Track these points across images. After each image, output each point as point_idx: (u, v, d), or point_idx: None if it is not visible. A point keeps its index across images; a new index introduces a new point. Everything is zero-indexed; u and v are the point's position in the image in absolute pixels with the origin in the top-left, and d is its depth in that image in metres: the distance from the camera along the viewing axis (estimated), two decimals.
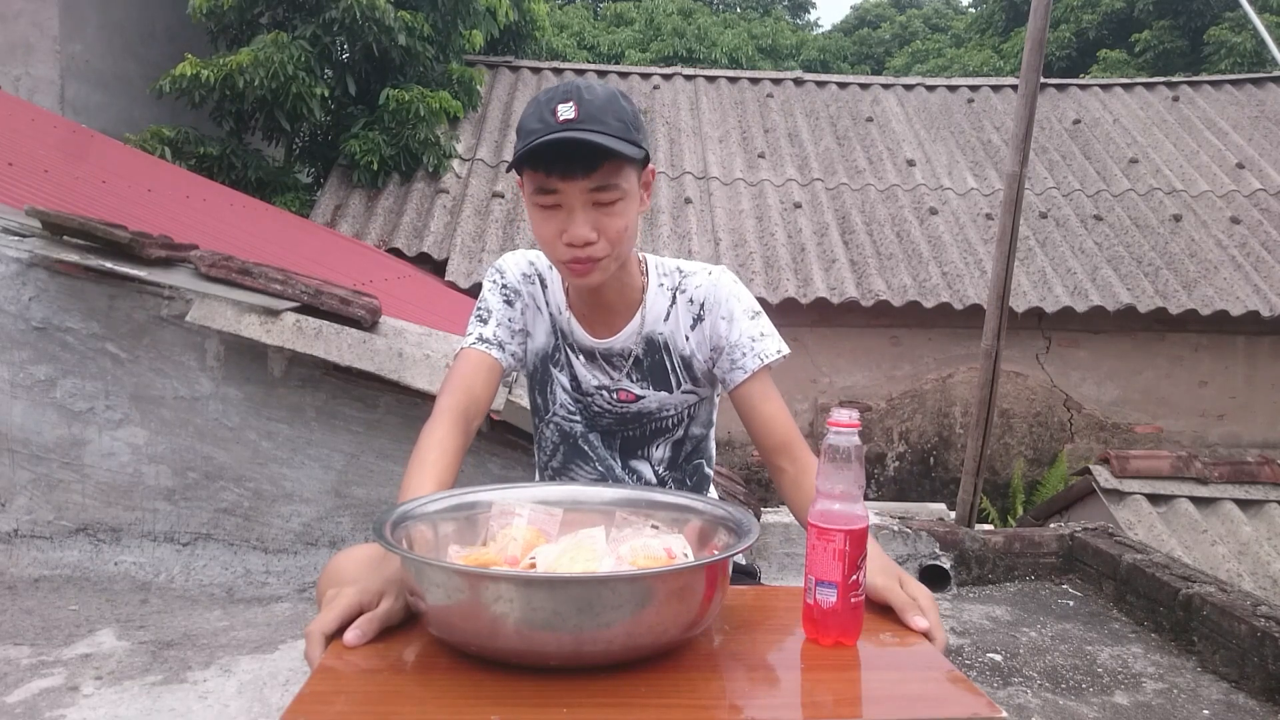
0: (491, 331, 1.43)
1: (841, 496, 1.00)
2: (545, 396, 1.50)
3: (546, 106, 1.23)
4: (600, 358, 1.45)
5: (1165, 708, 2.41)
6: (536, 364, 1.49)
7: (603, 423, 1.48)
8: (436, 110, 7.42)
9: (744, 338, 1.41)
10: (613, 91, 1.27)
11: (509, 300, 1.46)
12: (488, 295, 1.47)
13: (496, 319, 1.44)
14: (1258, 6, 12.32)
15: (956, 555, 3.41)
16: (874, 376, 7.31)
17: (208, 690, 2.10)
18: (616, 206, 1.27)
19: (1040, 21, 3.62)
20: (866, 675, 0.96)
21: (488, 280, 1.49)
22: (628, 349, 1.43)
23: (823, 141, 8.70)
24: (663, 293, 1.45)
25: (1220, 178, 8.39)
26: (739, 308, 1.43)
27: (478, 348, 1.42)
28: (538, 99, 1.26)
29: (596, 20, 19.70)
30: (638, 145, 1.26)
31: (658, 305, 1.44)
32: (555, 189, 1.25)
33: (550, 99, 1.24)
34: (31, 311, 2.71)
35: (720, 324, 1.42)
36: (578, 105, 1.22)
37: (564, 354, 1.47)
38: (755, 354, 1.40)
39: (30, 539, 2.74)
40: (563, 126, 1.21)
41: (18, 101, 5.80)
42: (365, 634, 0.95)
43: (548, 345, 1.47)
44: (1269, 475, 4.33)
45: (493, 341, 1.42)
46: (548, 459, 1.53)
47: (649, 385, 1.44)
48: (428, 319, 3.67)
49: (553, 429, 1.51)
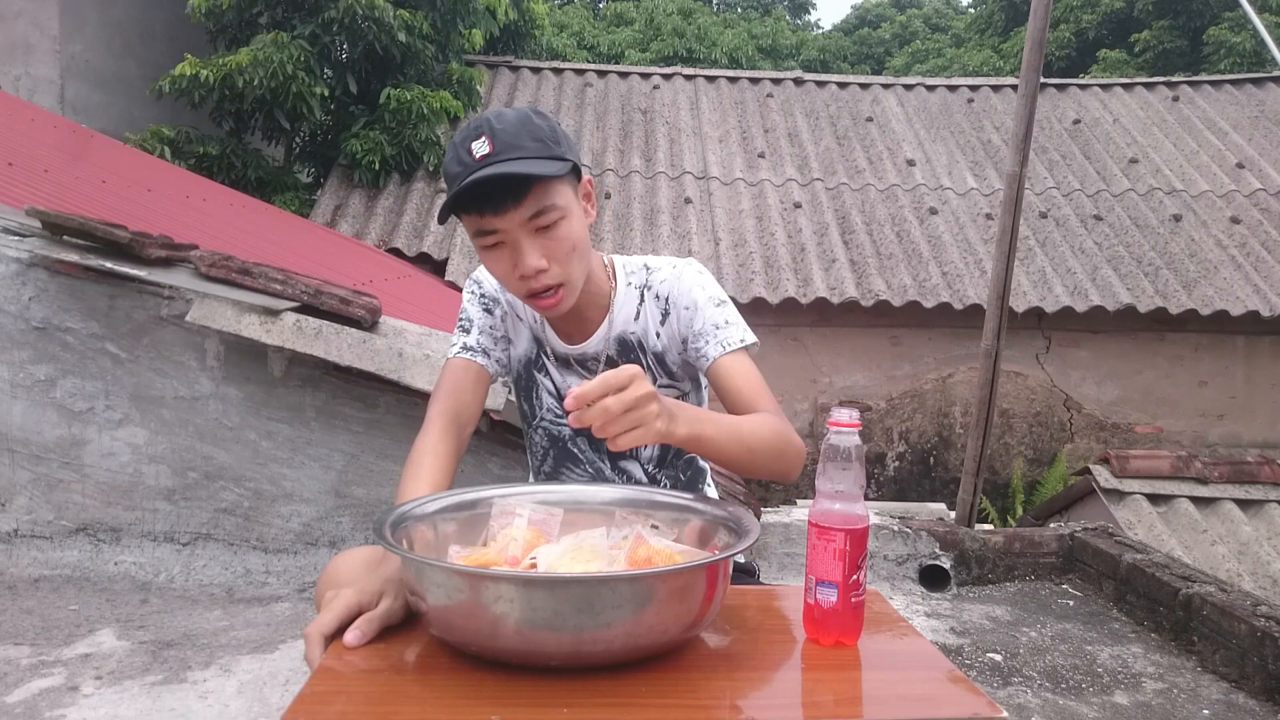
0: (475, 340, 1.45)
1: (842, 496, 1.00)
2: (531, 402, 1.51)
3: (461, 147, 1.22)
4: (575, 363, 1.46)
5: (1165, 708, 2.41)
6: (521, 370, 1.50)
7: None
8: (437, 110, 7.42)
9: (708, 325, 1.39)
10: (524, 113, 1.25)
11: (488, 309, 1.47)
12: (467, 305, 1.48)
13: (478, 327, 1.46)
14: (1258, 6, 12.33)
15: (956, 555, 3.41)
16: (874, 376, 7.31)
17: (208, 690, 2.10)
18: (559, 228, 1.25)
19: (1040, 21, 3.62)
20: (866, 675, 0.96)
21: (466, 291, 1.50)
22: (600, 353, 1.44)
23: (823, 141, 8.70)
24: (631, 292, 1.45)
25: (1220, 178, 8.39)
26: (703, 296, 1.41)
27: (463, 356, 1.43)
28: (454, 141, 1.25)
29: (596, 20, 19.71)
30: (560, 159, 1.24)
31: (627, 306, 1.44)
32: (493, 228, 1.24)
33: (464, 139, 1.23)
34: (31, 311, 2.71)
35: (684, 314, 1.41)
36: (490, 139, 1.20)
37: (543, 360, 1.48)
38: (718, 341, 1.38)
39: (30, 539, 2.74)
40: (480, 164, 1.19)
41: (18, 101, 5.80)
42: (365, 634, 0.95)
43: (530, 351, 1.48)
44: (1269, 475, 4.33)
45: (476, 349, 1.44)
46: (539, 463, 1.54)
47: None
48: (428, 319, 3.67)
49: (541, 434, 1.52)
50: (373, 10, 6.97)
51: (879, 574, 3.37)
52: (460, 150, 1.22)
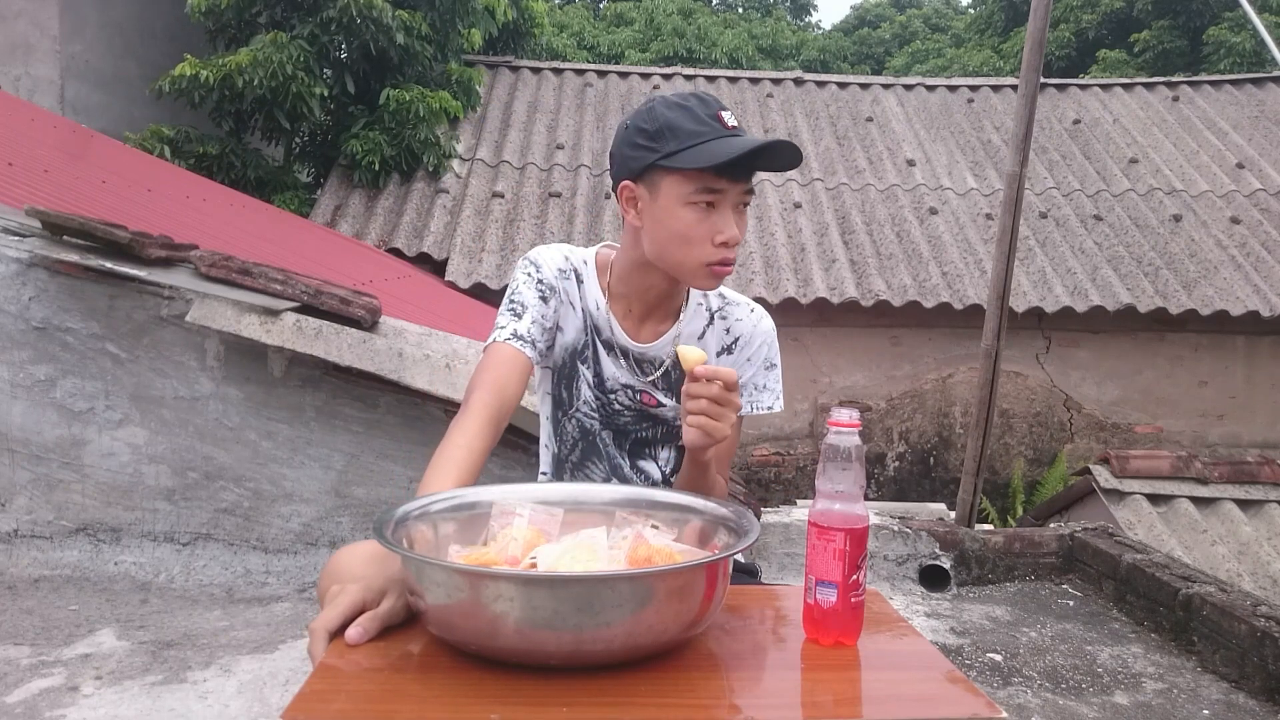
0: (526, 328, 1.39)
1: (842, 496, 1.00)
2: (570, 391, 1.49)
3: (704, 111, 1.30)
4: (633, 359, 1.45)
5: (1165, 708, 2.41)
6: (565, 359, 1.48)
7: (619, 421, 1.49)
8: (436, 110, 7.42)
9: (751, 382, 1.49)
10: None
11: (544, 297, 1.43)
12: (523, 290, 1.42)
13: (531, 315, 1.40)
14: (1257, 6, 12.32)
15: (956, 555, 3.41)
16: (874, 376, 7.31)
17: (208, 690, 2.10)
18: (748, 210, 1.36)
19: (1040, 21, 3.62)
20: (866, 675, 0.96)
21: (522, 274, 1.44)
22: (660, 358, 1.45)
23: (823, 141, 8.70)
24: (700, 312, 1.48)
25: (1220, 178, 8.39)
26: (763, 355, 1.50)
27: (513, 344, 1.38)
28: (682, 104, 1.31)
29: (596, 20, 19.71)
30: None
31: (695, 323, 1.47)
32: (721, 189, 1.29)
33: (706, 105, 1.31)
34: (31, 311, 2.71)
35: (744, 362, 1.49)
36: (729, 113, 1.31)
37: (593, 350, 1.46)
38: (749, 400, 1.49)
39: (30, 539, 2.74)
40: (734, 132, 1.29)
41: (18, 101, 5.80)
42: (367, 632, 0.95)
43: (577, 341, 1.46)
44: (1269, 475, 4.33)
45: (526, 339, 1.39)
46: (568, 453, 1.52)
47: (672, 395, 1.47)
48: (428, 319, 3.67)
49: (574, 424, 1.50)
50: (370, 10, 6.97)
51: (879, 574, 3.37)
52: (702, 112, 1.29)
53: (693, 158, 1.27)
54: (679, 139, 1.28)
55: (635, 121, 1.35)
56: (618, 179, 1.37)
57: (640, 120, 1.34)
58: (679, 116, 1.30)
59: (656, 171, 1.30)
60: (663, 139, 1.29)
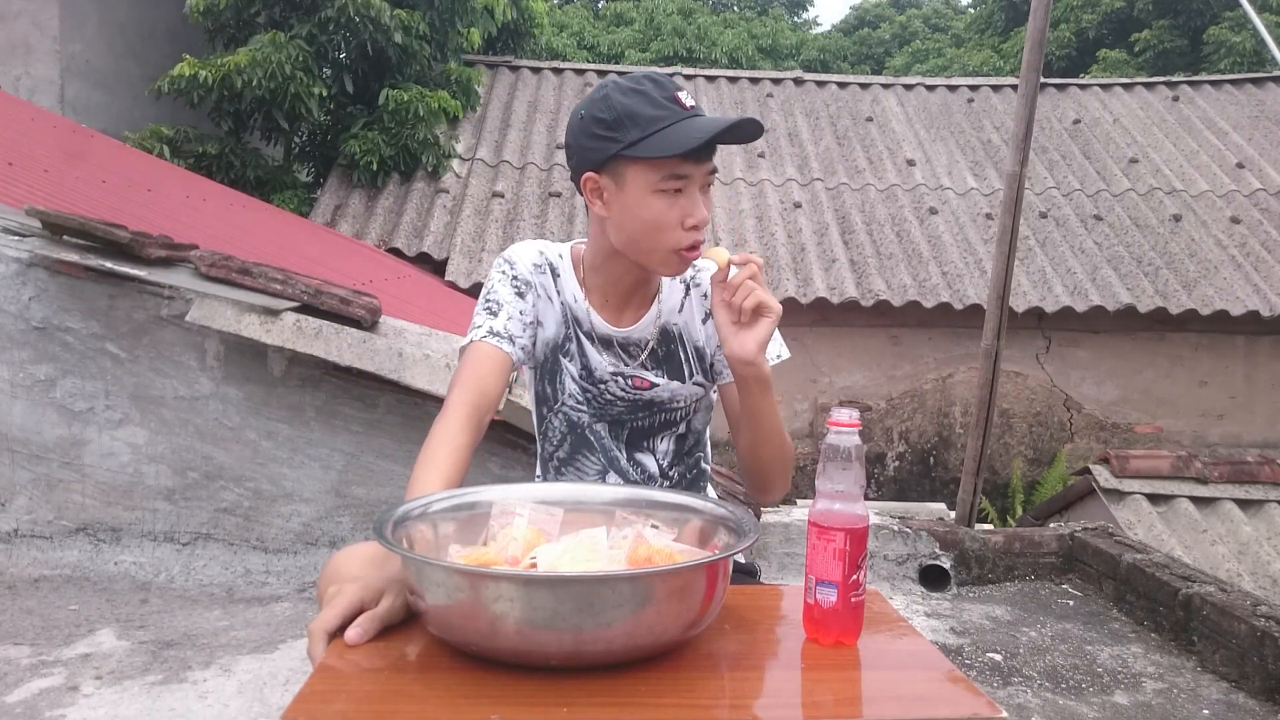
0: (502, 325, 1.39)
1: (842, 496, 1.00)
2: (554, 386, 1.48)
3: (660, 94, 1.27)
4: (617, 345, 1.44)
5: (1165, 707, 2.41)
6: (546, 354, 1.47)
7: (612, 411, 1.47)
8: (436, 110, 7.42)
9: None
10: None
11: (520, 292, 1.42)
12: (497, 287, 1.42)
13: (507, 312, 1.40)
14: (1258, 6, 12.32)
15: (956, 555, 3.41)
16: (874, 376, 7.31)
17: (208, 690, 2.10)
18: (710, 190, 1.34)
19: (1040, 21, 3.62)
20: (866, 675, 0.96)
21: (496, 271, 1.44)
22: (644, 339, 1.44)
23: (823, 141, 8.70)
24: (675, 285, 1.46)
25: (1220, 178, 8.39)
26: None
27: (489, 341, 1.37)
28: (636, 88, 1.28)
29: (596, 20, 19.69)
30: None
31: (672, 297, 1.46)
32: (687, 174, 1.28)
33: (662, 87, 1.28)
34: (31, 311, 2.71)
35: None
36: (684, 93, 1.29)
37: (575, 343, 1.45)
38: None
39: (30, 539, 2.74)
40: (692, 112, 1.26)
41: (18, 101, 5.80)
42: (366, 632, 0.95)
43: (558, 335, 1.45)
44: (1269, 475, 4.33)
45: (503, 335, 1.38)
46: (554, 449, 1.51)
47: (663, 374, 1.45)
48: (428, 319, 3.67)
49: (560, 419, 1.49)
50: (368, 10, 6.97)
51: (879, 574, 3.37)
52: (658, 95, 1.27)
53: (657, 145, 1.24)
54: (640, 126, 1.25)
55: (591, 111, 1.30)
56: (578, 171, 1.34)
57: (596, 110, 1.29)
58: (636, 102, 1.26)
59: (620, 161, 1.27)
60: (622, 128, 1.26)
